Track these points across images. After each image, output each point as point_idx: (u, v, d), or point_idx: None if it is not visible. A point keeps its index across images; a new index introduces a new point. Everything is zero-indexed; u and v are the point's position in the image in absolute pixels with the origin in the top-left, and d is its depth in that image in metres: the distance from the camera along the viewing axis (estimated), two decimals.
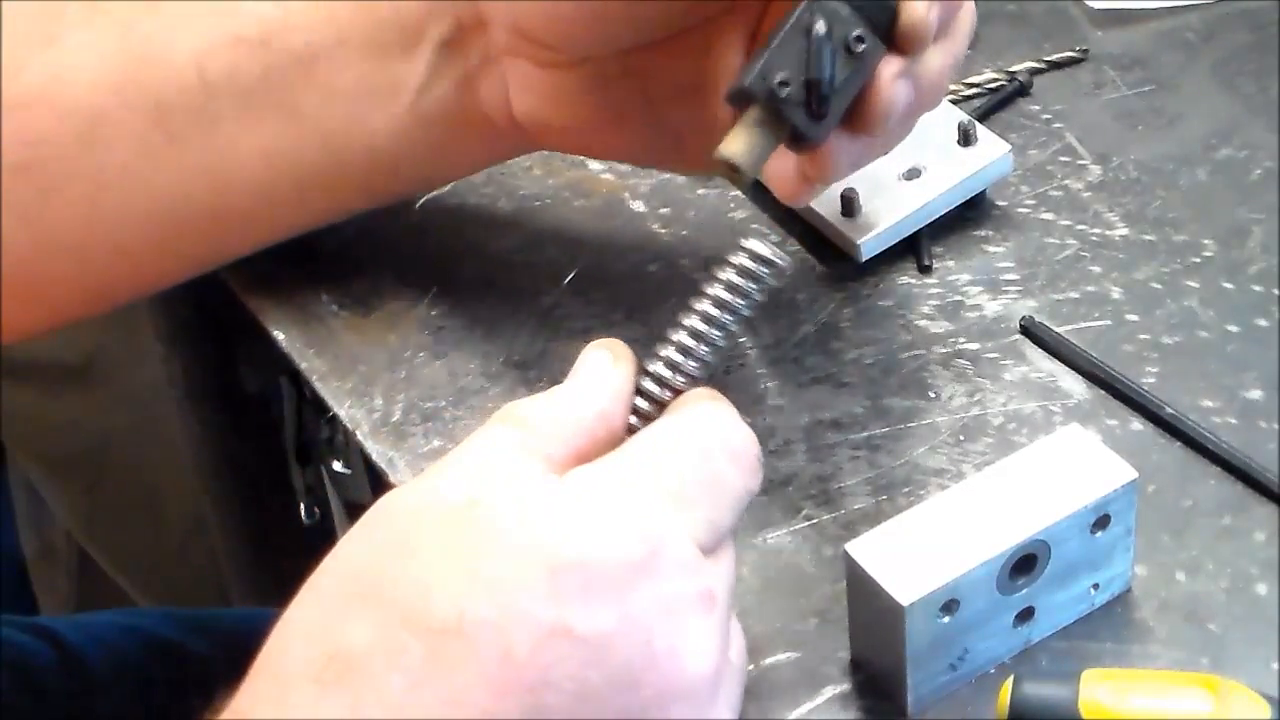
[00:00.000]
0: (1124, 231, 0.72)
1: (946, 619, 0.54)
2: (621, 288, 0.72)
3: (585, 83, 0.62)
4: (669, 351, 0.53)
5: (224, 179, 0.63)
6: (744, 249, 0.54)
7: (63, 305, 0.68)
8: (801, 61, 0.54)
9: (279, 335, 0.71)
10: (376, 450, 0.66)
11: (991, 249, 0.72)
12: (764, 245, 0.53)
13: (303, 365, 0.70)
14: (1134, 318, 0.68)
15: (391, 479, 0.65)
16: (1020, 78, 0.79)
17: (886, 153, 0.61)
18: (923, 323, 0.69)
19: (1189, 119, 0.78)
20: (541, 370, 0.68)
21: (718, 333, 0.53)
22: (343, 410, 0.68)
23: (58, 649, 0.89)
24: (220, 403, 1.15)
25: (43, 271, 0.64)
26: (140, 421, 1.34)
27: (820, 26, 0.54)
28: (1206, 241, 0.72)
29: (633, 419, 0.52)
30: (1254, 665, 0.56)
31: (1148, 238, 0.72)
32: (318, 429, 1.25)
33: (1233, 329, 0.68)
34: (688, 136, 0.63)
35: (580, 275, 0.72)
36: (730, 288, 0.53)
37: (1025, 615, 0.56)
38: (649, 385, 0.53)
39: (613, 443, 0.51)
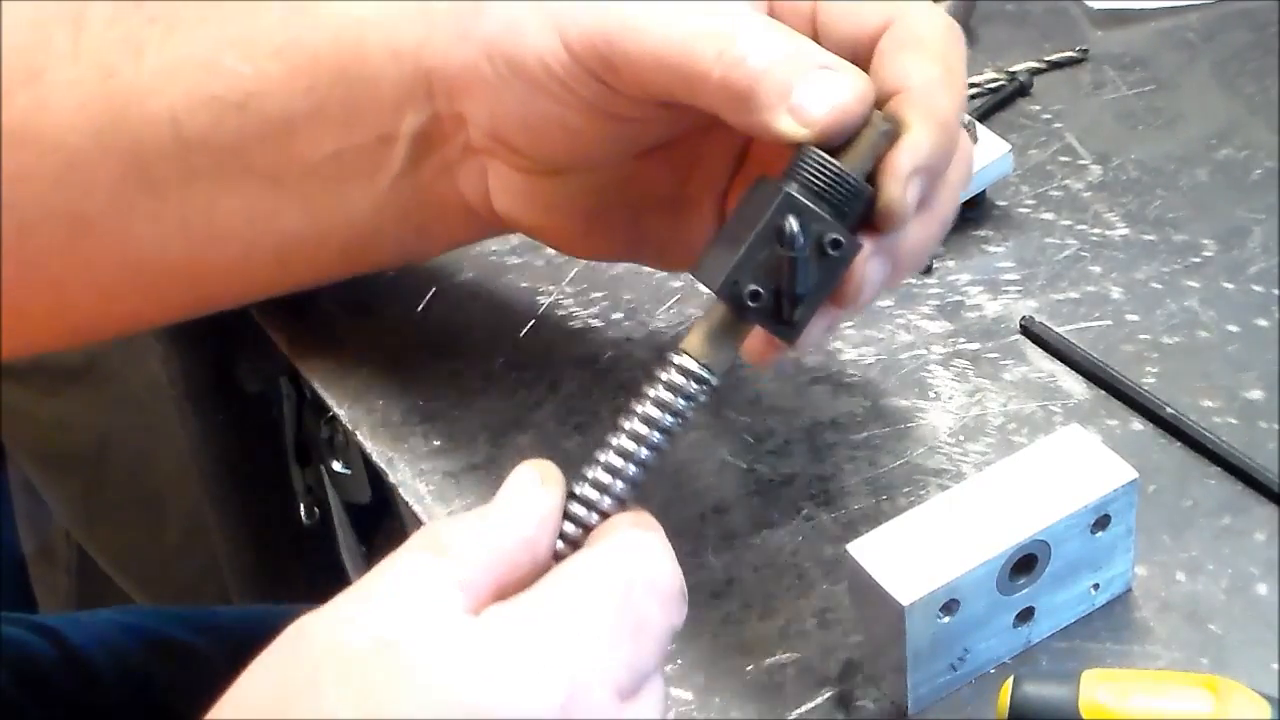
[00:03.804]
0: (1124, 231, 0.72)
1: (946, 619, 0.54)
2: (621, 288, 0.72)
3: (565, 190, 0.60)
4: (595, 472, 0.51)
5: (203, 234, 0.62)
6: (673, 364, 0.51)
7: (43, 336, 0.67)
8: (773, 269, 0.50)
9: (279, 335, 0.71)
10: (376, 450, 0.66)
11: (991, 249, 0.72)
12: (693, 360, 0.51)
13: (302, 365, 0.70)
14: (1134, 318, 0.69)
15: (391, 479, 0.65)
16: (1020, 78, 0.79)
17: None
18: (923, 323, 0.69)
19: (1189, 119, 0.78)
20: (541, 370, 0.68)
21: (646, 451, 0.51)
22: (343, 410, 0.68)
23: (59, 648, 0.89)
24: (220, 403, 1.14)
25: (22, 302, 0.63)
26: (140, 421, 1.34)
27: (792, 226, 0.49)
28: (1206, 241, 0.72)
29: (559, 544, 0.50)
30: (1254, 665, 0.56)
31: (1148, 238, 0.72)
32: (318, 429, 1.25)
33: (1233, 329, 0.68)
34: (671, 245, 0.62)
35: (580, 275, 0.72)
36: (659, 404, 0.51)
37: (1025, 615, 0.56)
38: (576, 509, 0.50)
39: (537, 571, 0.48)
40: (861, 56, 0.53)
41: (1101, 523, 0.56)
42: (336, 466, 1.25)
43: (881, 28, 0.53)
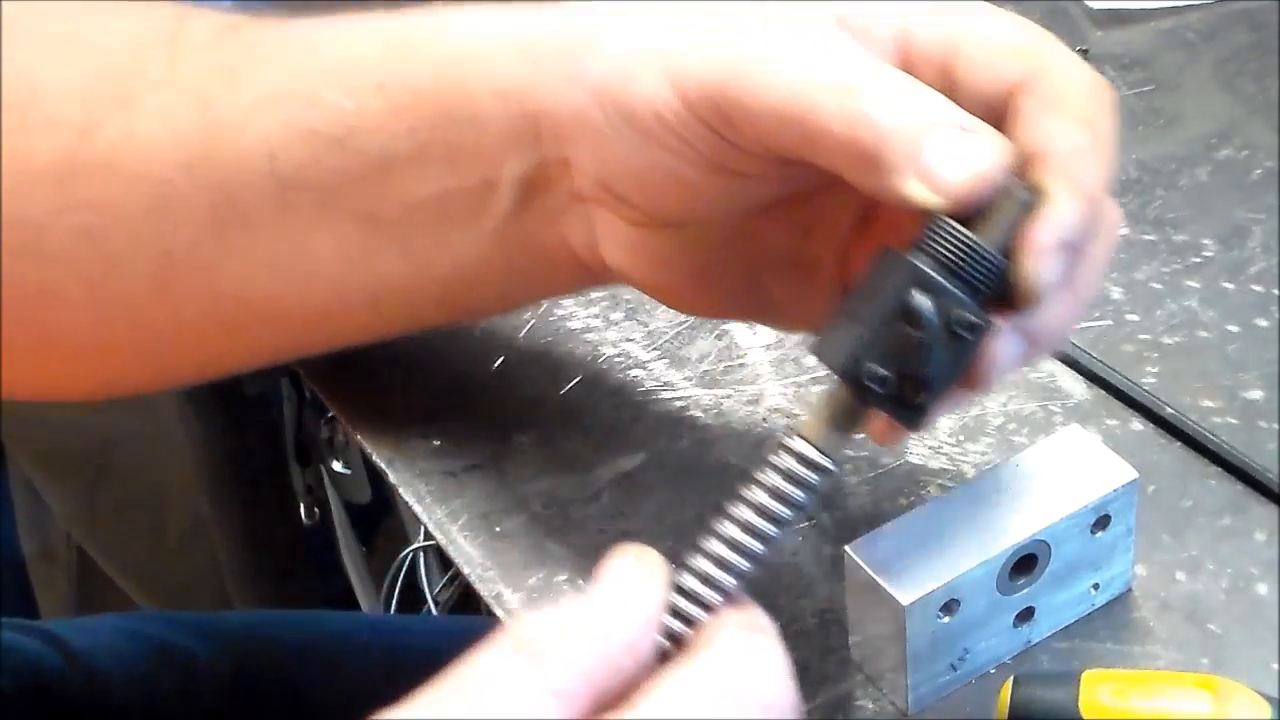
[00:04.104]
0: (1124, 231, 0.72)
1: (946, 619, 0.54)
2: (621, 288, 0.71)
3: (677, 245, 0.56)
4: (703, 564, 0.47)
5: (295, 273, 0.59)
6: (788, 449, 0.48)
7: (122, 374, 0.64)
8: (898, 350, 0.47)
9: None
10: (376, 450, 0.66)
11: None
12: (811, 446, 0.48)
13: (302, 366, 0.70)
14: (1134, 318, 0.68)
15: (391, 479, 0.65)
16: None
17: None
18: None
19: (1189, 119, 0.78)
20: (541, 370, 0.68)
21: (757, 544, 0.48)
22: (343, 411, 0.68)
23: (65, 655, 0.89)
24: (220, 403, 1.15)
25: (103, 339, 0.61)
26: (140, 421, 1.34)
27: (923, 305, 0.46)
28: (1206, 241, 0.72)
29: (662, 639, 0.46)
30: (1254, 665, 0.56)
31: (1148, 238, 0.72)
32: (318, 429, 1.25)
33: (1233, 329, 0.68)
34: (789, 305, 0.58)
35: None
36: (773, 492, 0.48)
37: (1025, 615, 0.56)
38: (681, 602, 0.47)
39: (639, 674, 0.45)
40: (999, 113, 0.50)
41: (1101, 523, 0.56)
42: (336, 466, 1.25)
43: (1022, 83, 0.49)
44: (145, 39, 0.59)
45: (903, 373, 0.47)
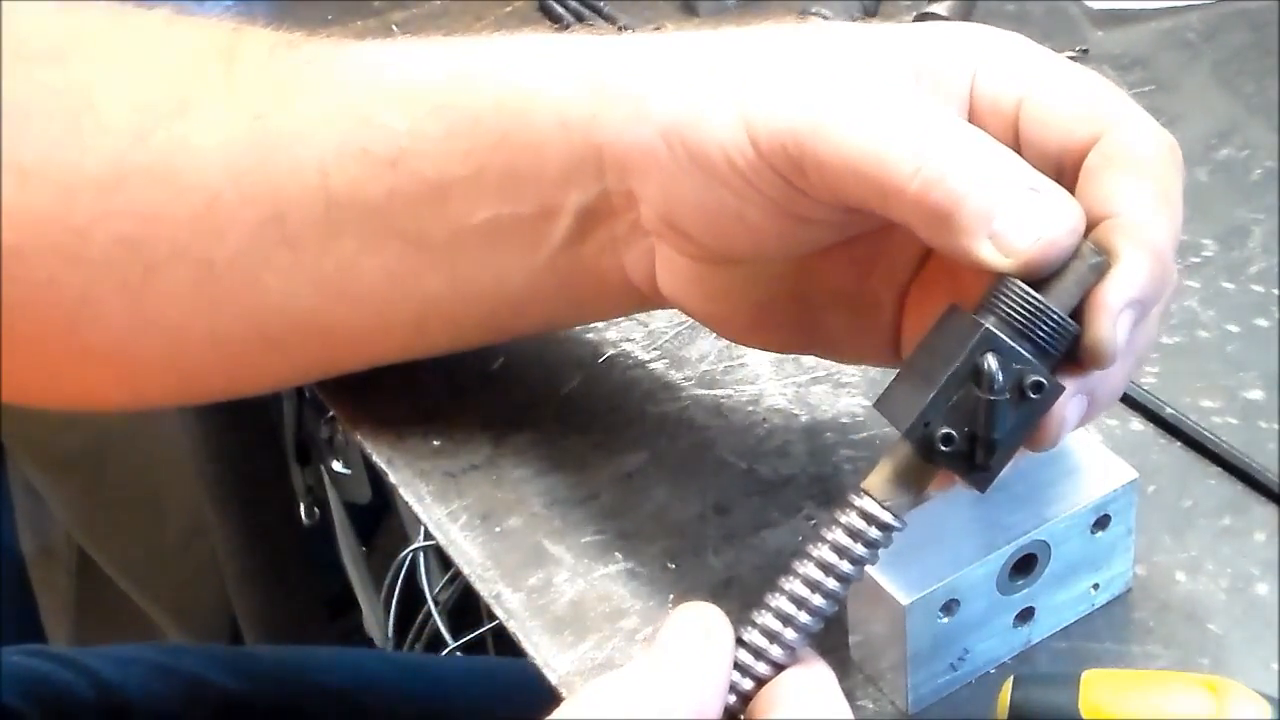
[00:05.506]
0: None
1: (946, 619, 0.54)
2: None
3: (736, 280, 0.57)
4: (765, 619, 0.48)
5: (340, 291, 0.59)
6: (853, 506, 0.49)
7: (152, 386, 0.64)
8: (967, 411, 0.47)
9: None
10: (376, 450, 0.66)
11: None
12: (876, 503, 0.49)
13: None
14: None
15: (391, 479, 0.65)
16: None
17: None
18: None
19: (1189, 119, 0.78)
20: (541, 370, 0.68)
21: (821, 599, 0.48)
22: (342, 411, 0.68)
23: (96, 686, 0.88)
24: (220, 403, 1.15)
25: (136, 349, 0.61)
26: (140, 421, 1.34)
27: (993, 367, 0.46)
28: (1206, 241, 0.72)
29: (729, 697, 0.47)
30: (1254, 665, 0.56)
31: None
32: (318, 429, 1.25)
33: (1233, 329, 0.68)
34: (846, 340, 0.58)
35: None
36: (837, 549, 0.48)
37: (1025, 615, 0.56)
38: (746, 658, 0.48)
39: None
40: (1067, 170, 0.50)
41: (1101, 523, 0.56)
42: (336, 466, 1.25)
43: (1090, 142, 0.50)
44: (203, 52, 0.59)
45: (971, 434, 0.47)
